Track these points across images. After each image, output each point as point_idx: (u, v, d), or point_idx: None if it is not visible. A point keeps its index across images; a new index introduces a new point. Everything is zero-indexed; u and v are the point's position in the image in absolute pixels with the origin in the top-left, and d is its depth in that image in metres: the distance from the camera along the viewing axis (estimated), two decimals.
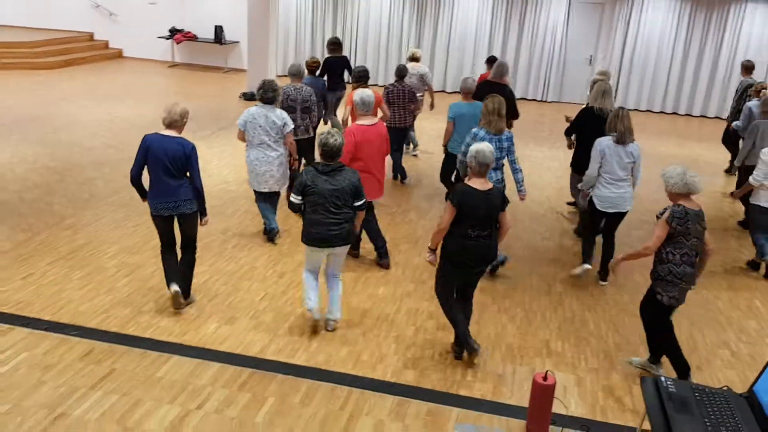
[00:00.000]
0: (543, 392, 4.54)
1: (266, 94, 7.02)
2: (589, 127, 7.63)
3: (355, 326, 5.89)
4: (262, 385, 4.98)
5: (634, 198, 7.09)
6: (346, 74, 10.89)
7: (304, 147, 8.36)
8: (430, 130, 13.03)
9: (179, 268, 5.85)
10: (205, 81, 16.14)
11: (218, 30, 17.32)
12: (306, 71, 9.18)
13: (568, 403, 5.07)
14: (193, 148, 5.57)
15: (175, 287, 5.73)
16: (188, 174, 5.64)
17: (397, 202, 9.01)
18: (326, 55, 10.90)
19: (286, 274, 6.77)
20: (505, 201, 5.25)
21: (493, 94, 6.85)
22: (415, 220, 8.46)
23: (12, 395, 4.65)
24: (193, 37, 17.72)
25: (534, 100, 17.26)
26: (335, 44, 10.84)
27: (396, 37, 17.51)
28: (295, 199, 5.43)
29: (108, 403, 4.66)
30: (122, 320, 5.69)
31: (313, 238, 5.45)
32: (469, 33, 17.20)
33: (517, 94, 17.32)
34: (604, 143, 6.76)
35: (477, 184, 5.13)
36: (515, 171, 6.99)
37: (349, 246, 5.68)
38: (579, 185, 7.37)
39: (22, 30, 18.21)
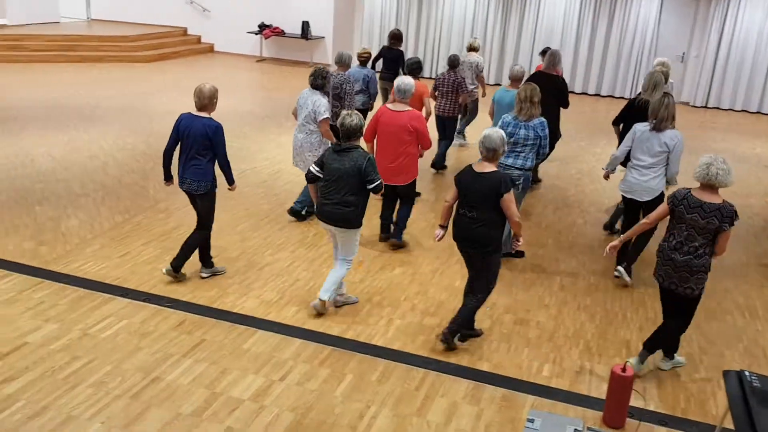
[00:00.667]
0: (621, 383, 4.50)
1: (315, 81, 7.28)
2: (630, 119, 7.57)
3: (432, 316, 5.95)
4: (342, 363, 5.17)
5: None
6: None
7: (334, 132, 8.61)
8: (480, 120, 12.90)
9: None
10: (291, 75, 16.52)
11: (305, 25, 17.68)
12: (356, 61, 9.51)
13: (647, 403, 4.98)
14: (217, 129, 5.83)
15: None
16: (214, 155, 5.92)
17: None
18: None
19: (364, 262, 6.90)
20: (505, 186, 5.10)
21: (529, 83, 7.00)
22: None
23: (113, 357, 5.06)
24: (280, 33, 18.16)
25: (621, 98, 16.82)
26: (394, 37, 11.25)
27: (480, 32, 17.43)
28: (313, 168, 5.66)
29: (198, 370, 4.97)
30: (209, 300, 5.96)
31: (319, 211, 5.70)
32: (555, 29, 16.93)
33: (604, 92, 16.96)
34: (638, 127, 6.69)
35: (479, 166, 5.22)
36: (541, 157, 7.14)
37: (354, 230, 5.66)
38: (603, 166, 7.47)
39: (121, 24, 19.13)
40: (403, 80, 6.87)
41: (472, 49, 11.03)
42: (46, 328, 5.35)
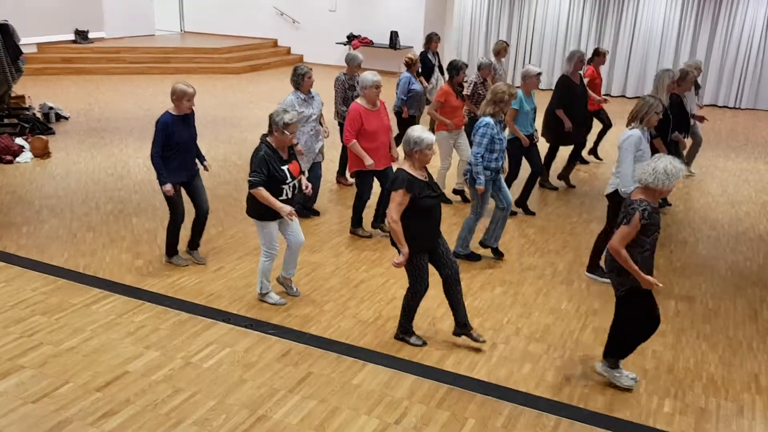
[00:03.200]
0: None
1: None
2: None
3: (537, 341, 5.57)
4: (461, 404, 4.71)
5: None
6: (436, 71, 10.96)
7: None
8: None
9: None
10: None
11: (393, 35, 17.55)
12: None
13: None
14: (156, 122, 6.10)
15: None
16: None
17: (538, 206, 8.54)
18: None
19: (463, 280, 6.56)
20: (391, 183, 4.99)
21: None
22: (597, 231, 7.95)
23: (216, 391, 4.75)
24: (369, 43, 18.10)
25: (725, 107, 15.88)
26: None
27: (575, 37, 16.84)
28: None
29: (307, 408, 4.60)
30: (303, 320, 5.76)
31: None
32: (654, 33, 16.15)
33: (706, 100, 16.01)
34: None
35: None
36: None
37: (254, 219, 5.72)
38: None
39: (214, 37, 19.54)
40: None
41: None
42: (147, 356, 5.12)
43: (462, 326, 5.37)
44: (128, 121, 12.07)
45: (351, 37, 18.23)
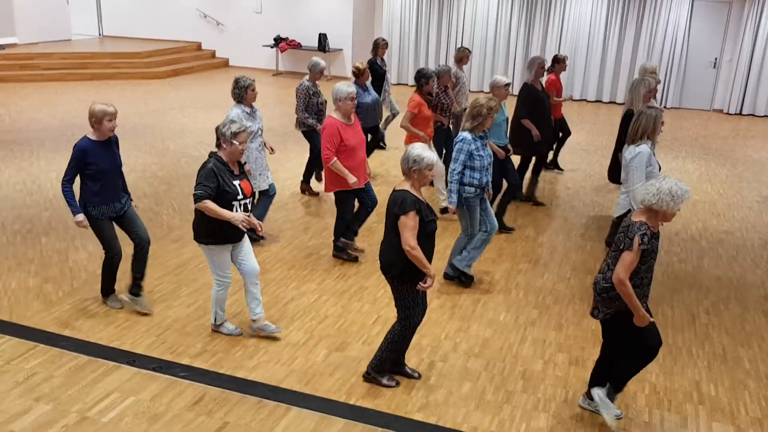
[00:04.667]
0: None
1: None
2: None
3: (476, 357, 5.34)
4: None
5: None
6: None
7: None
8: None
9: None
10: None
11: (322, 38, 17.20)
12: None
13: None
14: (73, 147, 5.45)
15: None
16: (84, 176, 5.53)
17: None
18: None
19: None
20: (401, 208, 4.48)
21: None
22: (533, 237, 7.82)
23: None
24: (297, 45, 17.70)
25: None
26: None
27: (503, 38, 16.85)
28: None
29: None
30: (230, 343, 5.37)
31: None
32: (581, 35, 16.33)
33: None
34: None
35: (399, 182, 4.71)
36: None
37: (201, 245, 5.20)
38: None
39: (134, 41, 18.75)
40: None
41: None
42: (37, 410, 4.47)
43: (396, 363, 5.04)
44: (40, 132, 11.33)
45: (278, 40, 17.79)
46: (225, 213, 4.93)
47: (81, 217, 5.47)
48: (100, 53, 16.91)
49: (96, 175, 5.42)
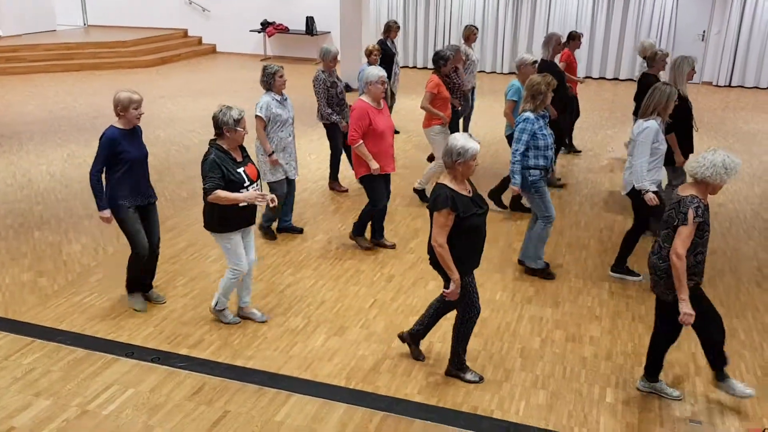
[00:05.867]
0: None
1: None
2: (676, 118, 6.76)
3: (474, 336, 5.36)
4: None
5: None
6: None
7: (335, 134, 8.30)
8: None
9: None
10: (297, 73, 15.90)
11: (309, 21, 17.07)
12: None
13: (728, 431, 4.38)
14: (100, 137, 5.28)
15: None
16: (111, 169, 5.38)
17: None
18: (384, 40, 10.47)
19: (394, 277, 6.31)
20: (433, 204, 4.39)
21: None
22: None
23: None
24: (284, 30, 17.57)
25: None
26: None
27: (492, 20, 16.75)
28: None
29: None
30: (228, 330, 5.38)
31: None
32: (569, 12, 16.24)
33: (622, 76, 16.25)
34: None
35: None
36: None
37: (213, 233, 5.17)
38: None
39: (119, 29, 18.57)
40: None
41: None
42: (37, 406, 4.46)
43: (416, 341, 5.04)
44: (28, 125, 11.23)
45: (265, 24, 17.64)
46: (237, 195, 4.94)
47: (108, 213, 5.36)
48: (85, 43, 16.74)
49: (126, 164, 5.30)
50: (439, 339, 5.31)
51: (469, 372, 4.83)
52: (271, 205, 5.14)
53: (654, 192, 5.95)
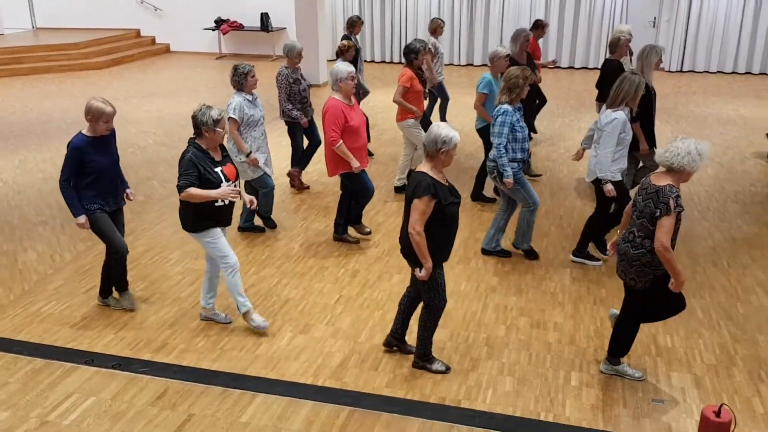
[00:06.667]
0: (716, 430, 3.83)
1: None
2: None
3: (440, 327, 5.37)
4: (366, 428, 4.28)
5: None
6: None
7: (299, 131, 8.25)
8: None
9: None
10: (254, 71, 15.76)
11: (264, 17, 16.92)
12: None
13: (689, 408, 4.48)
14: (67, 145, 5.17)
15: None
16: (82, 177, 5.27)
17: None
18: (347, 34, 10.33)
19: (359, 272, 6.31)
20: (415, 190, 4.38)
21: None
22: (489, 205, 7.89)
23: None
24: (239, 27, 17.38)
25: (596, 68, 16.35)
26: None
27: (447, 12, 16.80)
28: None
29: None
30: (191, 333, 5.32)
31: None
32: (523, 3, 16.37)
33: (577, 64, 16.47)
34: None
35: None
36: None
37: (193, 234, 5.09)
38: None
39: (70, 31, 18.16)
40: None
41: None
42: None
43: (400, 339, 5.04)
44: None
45: (219, 22, 17.43)
46: (209, 192, 4.86)
47: (83, 219, 5.23)
48: (35, 46, 16.34)
49: (93, 173, 5.19)
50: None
51: (436, 362, 4.85)
52: (251, 207, 5.14)
53: (615, 182, 6.00)
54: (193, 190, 4.83)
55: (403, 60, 8.18)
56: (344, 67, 6.33)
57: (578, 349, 5.13)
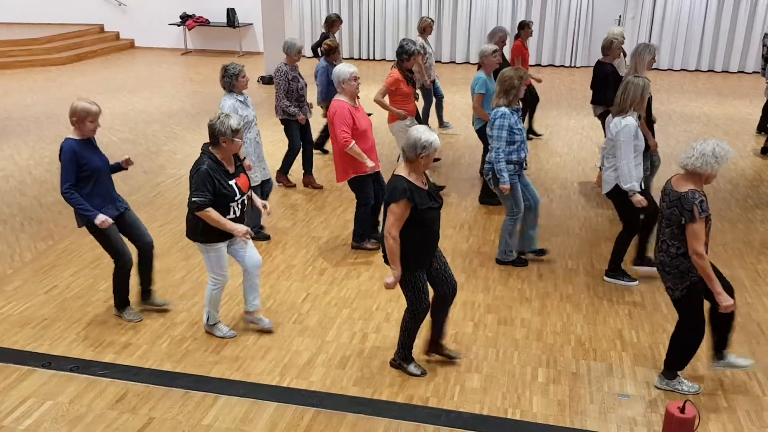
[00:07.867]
0: (680, 428, 3.84)
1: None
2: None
3: None
4: (331, 429, 4.24)
5: None
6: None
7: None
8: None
9: None
10: (219, 67, 15.58)
11: (230, 13, 16.74)
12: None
13: (655, 403, 4.53)
14: (60, 152, 5.01)
15: None
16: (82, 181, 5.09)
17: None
18: (324, 31, 10.24)
19: (327, 270, 6.26)
20: (390, 195, 4.34)
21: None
22: (456, 202, 7.90)
23: None
24: (205, 22, 17.17)
25: (563, 66, 16.51)
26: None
27: (415, 9, 16.79)
28: None
29: None
30: (154, 334, 5.22)
31: None
32: (490, 4, 16.43)
33: (545, 61, 16.59)
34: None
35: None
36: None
37: (197, 243, 4.93)
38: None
39: (31, 26, 17.76)
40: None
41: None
42: None
43: (436, 344, 4.96)
44: None
45: (185, 17, 17.19)
46: (228, 225, 4.74)
47: (102, 216, 5.00)
48: None
49: (90, 175, 5.01)
50: (373, 329, 5.30)
51: (413, 364, 4.82)
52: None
53: (640, 192, 5.77)
54: (213, 214, 4.70)
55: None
56: (346, 68, 6.22)
57: (545, 345, 5.15)
